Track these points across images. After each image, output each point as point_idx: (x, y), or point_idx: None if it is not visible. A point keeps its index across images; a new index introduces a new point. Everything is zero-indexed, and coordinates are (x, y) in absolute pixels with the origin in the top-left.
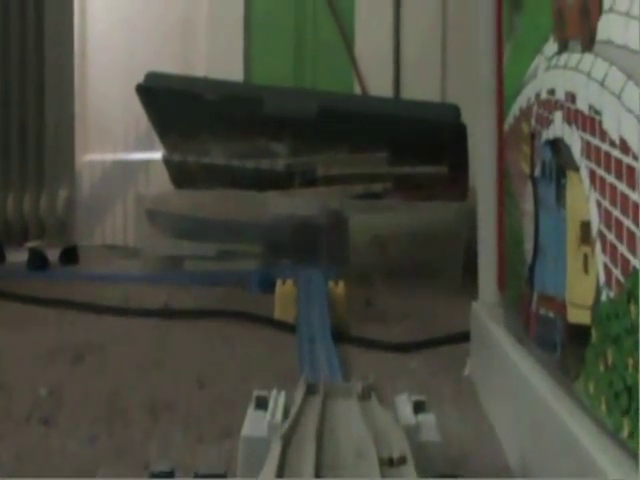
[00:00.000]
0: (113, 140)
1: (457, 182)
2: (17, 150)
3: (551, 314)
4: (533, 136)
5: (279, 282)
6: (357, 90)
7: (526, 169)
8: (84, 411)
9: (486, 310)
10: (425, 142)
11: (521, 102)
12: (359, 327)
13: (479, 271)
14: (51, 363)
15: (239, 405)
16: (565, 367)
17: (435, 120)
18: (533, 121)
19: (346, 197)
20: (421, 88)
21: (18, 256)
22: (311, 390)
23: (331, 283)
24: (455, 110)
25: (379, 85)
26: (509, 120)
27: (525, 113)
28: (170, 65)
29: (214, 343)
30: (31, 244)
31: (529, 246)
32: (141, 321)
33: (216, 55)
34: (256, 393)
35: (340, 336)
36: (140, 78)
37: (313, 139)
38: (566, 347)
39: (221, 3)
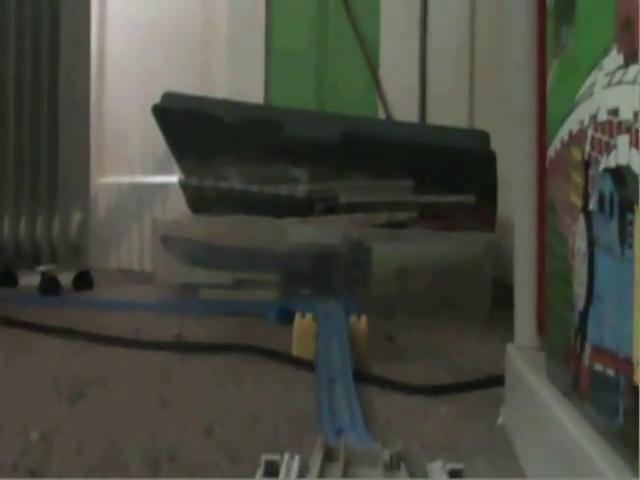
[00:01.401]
0: (130, 163)
1: (485, 212)
2: (30, 172)
3: (610, 372)
4: (587, 164)
5: (298, 316)
6: (381, 115)
7: (577, 202)
8: (77, 460)
9: (523, 355)
10: (452, 170)
11: (571, 125)
12: (381, 365)
13: (515, 312)
14: (48, 400)
15: (248, 458)
16: (629, 439)
17: (463, 147)
18: (587, 146)
19: (369, 226)
20: (448, 113)
21: (31, 280)
22: (330, 455)
23: (353, 318)
24: (484, 136)
25: (404, 110)
26: (554, 146)
27: (576, 138)
28: (189, 87)
29: (226, 381)
30: (43, 268)
31: (580, 290)
32: (150, 354)
33: (236, 78)
34: (265, 457)
35: (362, 376)
36: (158, 100)
37: (335, 165)
38: (631, 415)
39: (242, 25)
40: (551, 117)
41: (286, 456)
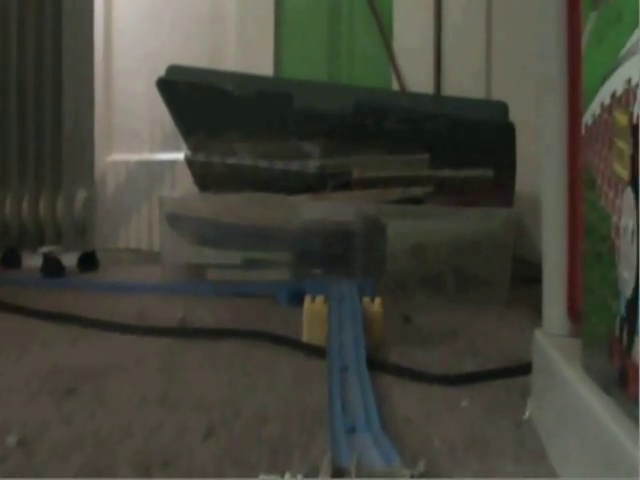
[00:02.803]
0: (139, 140)
1: (503, 187)
2: (33, 150)
3: None
4: (636, 129)
5: (308, 299)
6: (395, 87)
7: (623, 173)
8: (60, 466)
9: (554, 343)
10: (470, 143)
11: (614, 86)
12: (398, 349)
13: (544, 296)
14: (36, 397)
15: (251, 464)
16: None
17: (481, 119)
18: (636, 109)
19: (383, 202)
20: (464, 84)
21: (36, 261)
22: (339, 476)
23: (366, 300)
24: (503, 107)
25: (419, 81)
26: (592, 110)
27: (621, 100)
28: (198, 61)
29: (231, 371)
30: (46, 249)
31: (627, 274)
32: (152, 340)
33: (245, 49)
34: (263, 478)
35: (377, 363)
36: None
37: (348, 139)
38: None
39: None
40: (588, 78)
41: (287, 476)
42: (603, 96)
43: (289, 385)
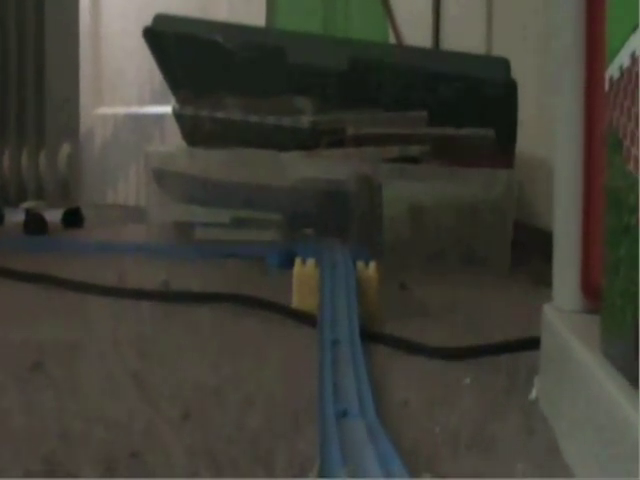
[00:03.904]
0: (127, 93)
1: (504, 147)
2: (15, 102)
3: None
4: None
5: (298, 262)
6: (392, 41)
7: None
8: (11, 460)
9: (565, 319)
10: (469, 101)
11: None
12: (394, 320)
13: (554, 269)
14: None
15: (230, 457)
16: None
17: (481, 75)
18: None
19: (379, 161)
20: (463, 39)
21: (18, 217)
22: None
23: (361, 264)
24: (504, 64)
25: (416, 35)
26: (619, 62)
27: None
28: (188, 10)
29: (214, 343)
30: (28, 205)
31: None
32: (132, 305)
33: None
34: None
35: (372, 335)
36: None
37: (343, 94)
38: None
39: None
40: (612, 25)
41: None
42: (634, 45)
43: (276, 359)
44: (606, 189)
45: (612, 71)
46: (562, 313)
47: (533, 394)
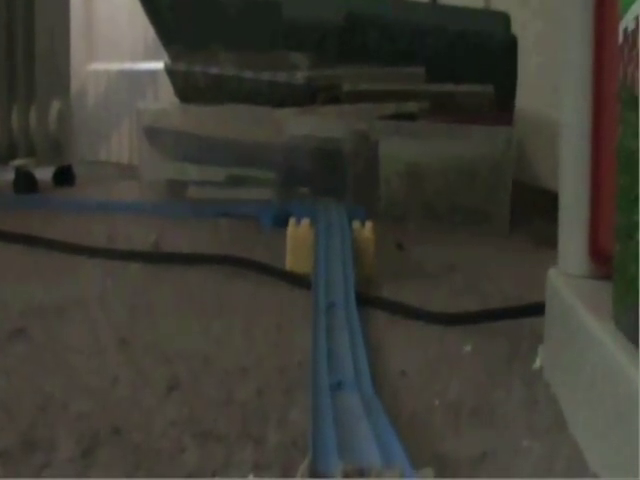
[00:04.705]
0: (120, 48)
1: (503, 105)
2: (4, 56)
3: None
4: None
5: (292, 222)
6: None
7: None
8: None
9: (572, 285)
10: (468, 56)
11: None
12: (391, 282)
13: (560, 231)
14: None
15: (218, 431)
16: None
17: (481, 30)
18: None
19: (375, 118)
20: None
21: (7, 175)
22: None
23: (356, 225)
24: (504, 19)
25: None
26: (634, 13)
27: None
28: None
29: (204, 307)
30: (18, 163)
31: None
32: (121, 266)
33: None
34: None
35: (369, 298)
36: None
37: (339, 50)
38: None
39: None
40: None
41: None
42: None
43: (268, 326)
44: (618, 149)
45: (627, 22)
46: (569, 278)
47: (537, 363)
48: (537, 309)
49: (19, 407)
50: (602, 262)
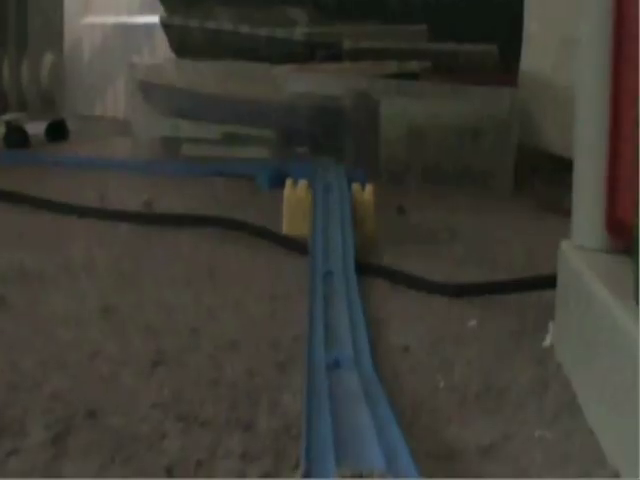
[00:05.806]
0: (115, 1)
1: (507, 64)
2: None
3: None
4: None
5: (289, 184)
6: None
7: None
8: None
9: (587, 260)
10: (472, 15)
11: None
12: (392, 249)
13: (574, 203)
14: None
15: (206, 416)
16: None
17: None
18: None
19: (376, 76)
20: None
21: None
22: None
23: (356, 187)
24: None
25: None
26: None
27: None
28: None
29: (196, 272)
30: (9, 117)
31: None
32: (110, 227)
33: None
34: None
35: (368, 266)
36: None
37: (339, 5)
38: None
39: None
40: None
41: None
42: None
43: (262, 295)
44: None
45: None
46: (583, 252)
47: (547, 341)
48: (548, 282)
49: None
50: (620, 235)
